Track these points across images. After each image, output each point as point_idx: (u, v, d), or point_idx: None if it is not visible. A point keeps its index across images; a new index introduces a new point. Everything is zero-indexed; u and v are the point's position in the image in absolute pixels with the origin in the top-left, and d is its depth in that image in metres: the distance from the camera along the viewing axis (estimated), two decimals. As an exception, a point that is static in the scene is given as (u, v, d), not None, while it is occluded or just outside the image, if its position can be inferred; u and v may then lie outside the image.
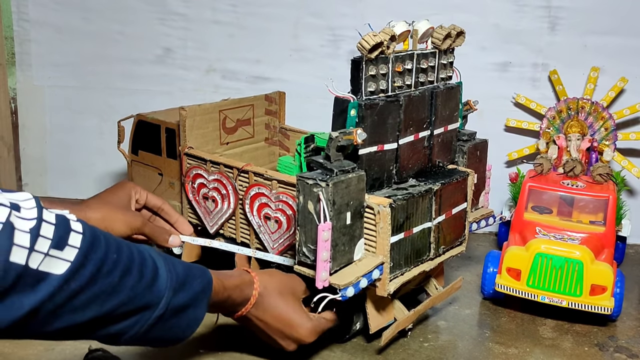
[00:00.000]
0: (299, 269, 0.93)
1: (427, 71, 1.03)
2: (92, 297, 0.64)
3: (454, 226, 1.07)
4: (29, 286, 0.58)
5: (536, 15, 1.47)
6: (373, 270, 0.93)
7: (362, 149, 0.94)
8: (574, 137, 1.38)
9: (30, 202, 0.60)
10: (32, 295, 0.59)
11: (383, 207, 0.92)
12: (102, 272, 0.64)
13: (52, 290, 0.60)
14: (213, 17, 1.58)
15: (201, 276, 0.79)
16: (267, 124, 1.36)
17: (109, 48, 1.61)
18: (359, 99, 0.93)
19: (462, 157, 1.13)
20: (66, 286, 0.61)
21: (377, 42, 0.90)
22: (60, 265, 0.60)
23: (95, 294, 0.64)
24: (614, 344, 1.09)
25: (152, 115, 1.27)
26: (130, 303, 0.68)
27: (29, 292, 0.59)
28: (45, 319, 0.61)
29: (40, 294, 0.59)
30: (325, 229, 0.86)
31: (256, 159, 1.33)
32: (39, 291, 0.59)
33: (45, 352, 1.01)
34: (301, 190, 0.89)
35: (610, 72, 1.45)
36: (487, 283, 1.20)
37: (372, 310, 1.01)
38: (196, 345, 1.04)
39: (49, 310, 0.61)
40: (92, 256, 0.63)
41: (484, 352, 1.05)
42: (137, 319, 0.70)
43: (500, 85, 1.51)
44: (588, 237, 1.19)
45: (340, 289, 0.88)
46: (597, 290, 1.10)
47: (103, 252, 0.65)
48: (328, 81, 0.89)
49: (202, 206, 1.17)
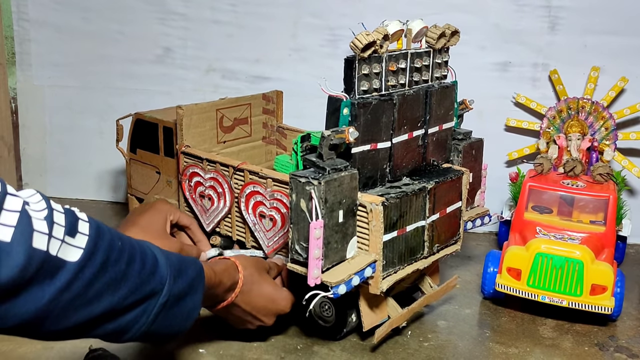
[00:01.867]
0: (292, 267, 0.93)
1: (422, 70, 1.03)
2: (104, 286, 0.64)
3: (449, 225, 1.06)
4: (49, 274, 0.59)
5: (536, 14, 1.47)
6: (365, 268, 0.92)
7: (355, 148, 0.94)
8: (574, 137, 1.38)
9: (37, 196, 0.61)
10: (52, 284, 0.59)
11: (375, 205, 0.91)
12: (111, 260, 0.65)
13: (69, 277, 0.60)
14: (212, 17, 1.58)
15: (193, 264, 0.81)
16: (265, 123, 1.36)
17: (109, 48, 1.61)
18: (352, 97, 0.93)
19: (458, 156, 1.13)
20: (81, 274, 0.61)
21: (369, 41, 0.89)
22: (74, 253, 0.61)
23: (106, 282, 0.64)
24: (614, 343, 1.09)
25: (150, 114, 1.27)
26: (137, 291, 0.68)
27: (49, 281, 0.59)
28: (62, 312, 0.61)
29: (59, 283, 0.59)
30: (317, 226, 0.86)
31: (253, 158, 1.33)
32: (58, 280, 0.59)
33: (44, 350, 1.01)
34: (294, 188, 0.89)
35: (611, 72, 1.45)
36: (487, 283, 1.20)
37: (365, 308, 1.01)
38: (197, 346, 1.03)
39: (66, 301, 0.61)
40: (100, 244, 0.64)
41: (484, 352, 1.05)
42: (144, 308, 0.70)
43: (501, 85, 1.51)
44: (588, 237, 1.18)
45: (332, 287, 0.88)
46: (598, 290, 1.10)
47: (109, 239, 0.65)
48: (322, 80, 0.89)
49: (198, 204, 1.17)
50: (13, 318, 0.58)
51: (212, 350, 1.02)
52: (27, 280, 0.56)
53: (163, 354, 1.00)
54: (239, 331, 1.05)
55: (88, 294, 0.63)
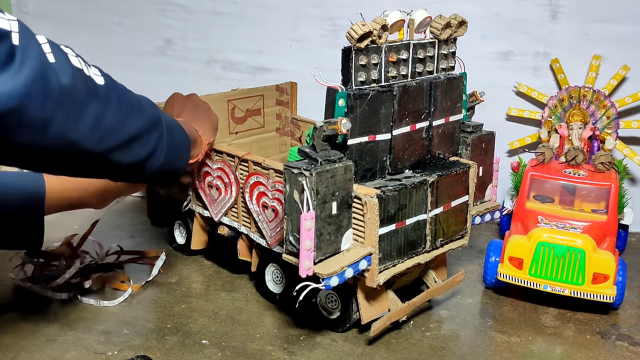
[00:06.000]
0: (287, 258, 0.93)
1: (426, 61, 1.02)
2: (129, 107, 0.74)
3: (455, 219, 1.06)
4: (92, 89, 0.67)
5: (537, 3, 1.46)
6: (360, 260, 0.92)
7: (351, 139, 0.93)
8: (576, 126, 1.38)
9: None
10: (97, 100, 0.68)
11: (370, 197, 0.91)
12: (124, 89, 0.75)
13: (105, 93, 0.69)
14: (213, 8, 1.57)
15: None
16: (279, 114, 1.36)
17: (109, 40, 1.61)
18: (349, 88, 0.92)
19: (466, 149, 1.12)
20: (111, 93, 0.70)
21: (365, 31, 0.88)
22: (98, 78, 0.69)
23: (129, 104, 0.74)
24: (616, 332, 1.09)
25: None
26: (151, 116, 0.79)
27: (96, 99, 0.68)
28: (109, 130, 0.70)
29: (100, 99, 0.68)
30: (308, 218, 0.86)
31: (266, 149, 1.33)
32: (98, 96, 0.68)
33: (47, 342, 1.02)
34: (287, 179, 0.89)
35: (612, 60, 1.45)
36: (489, 272, 1.20)
37: (363, 301, 1.01)
38: (199, 337, 1.04)
39: (110, 119, 0.70)
40: (110, 78, 0.72)
41: (487, 341, 1.05)
42: (160, 132, 0.81)
43: (502, 74, 1.51)
44: (590, 226, 1.18)
45: (324, 278, 0.88)
46: (599, 279, 1.10)
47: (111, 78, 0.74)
48: (316, 71, 0.89)
49: (207, 194, 1.18)
50: (74, 132, 0.65)
51: (214, 342, 1.03)
52: (79, 90, 0.64)
53: (170, 347, 1.01)
54: (242, 321, 1.06)
55: (121, 111, 0.72)
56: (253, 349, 1.01)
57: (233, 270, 1.26)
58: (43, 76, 0.59)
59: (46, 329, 1.06)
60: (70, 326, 1.06)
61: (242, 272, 1.24)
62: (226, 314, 1.11)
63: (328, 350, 1.01)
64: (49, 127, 0.61)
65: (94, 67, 0.71)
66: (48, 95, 0.60)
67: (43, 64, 0.59)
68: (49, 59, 0.61)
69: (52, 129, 0.62)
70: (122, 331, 1.05)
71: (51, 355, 0.98)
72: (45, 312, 1.11)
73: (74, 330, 1.05)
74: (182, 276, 1.24)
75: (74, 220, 1.45)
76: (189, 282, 1.22)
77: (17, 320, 1.08)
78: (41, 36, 0.62)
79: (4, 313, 1.10)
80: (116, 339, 1.03)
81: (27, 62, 0.57)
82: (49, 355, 0.98)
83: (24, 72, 0.57)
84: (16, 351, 0.99)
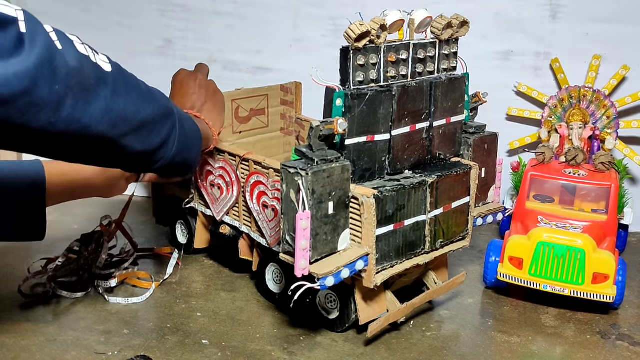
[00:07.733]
0: (284, 257, 0.93)
1: (426, 61, 1.02)
2: (138, 95, 0.74)
3: (455, 220, 1.05)
4: (99, 77, 0.67)
5: (537, 3, 1.46)
6: (356, 261, 0.92)
7: (349, 139, 0.93)
8: (576, 126, 1.38)
9: None
10: (105, 87, 0.68)
11: (367, 197, 0.91)
12: (133, 77, 0.75)
13: (113, 79, 0.69)
14: (213, 8, 1.57)
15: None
16: (283, 114, 1.36)
17: (109, 39, 1.61)
18: (347, 88, 0.92)
19: (468, 150, 1.11)
20: (119, 80, 0.70)
21: (363, 31, 0.88)
22: (105, 65, 0.69)
23: (138, 92, 0.74)
24: (616, 332, 1.09)
25: None
26: (163, 107, 0.79)
27: (103, 86, 0.68)
28: (119, 118, 0.70)
29: (108, 86, 0.68)
30: (304, 217, 0.86)
31: (270, 149, 1.33)
32: (106, 83, 0.68)
33: (47, 342, 1.02)
34: (284, 178, 0.89)
35: (612, 60, 1.44)
36: (489, 272, 1.20)
37: (361, 301, 1.01)
38: (200, 337, 1.04)
39: (119, 107, 0.70)
40: (119, 66, 0.72)
41: (487, 341, 1.05)
42: (172, 122, 0.81)
43: (502, 74, 1.51)
44: (590, 226, 1.18)
45: (319, 278, 0.88)
46: (600, 279, 1.10)
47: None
48: (313, 71, 0.89)
49: (209, 193, 1.18)
50: (85, 116, 0.65)
51: (214, 342, 1.03)
52: (86, 74, 0.65)
53: (171, 347, 1.01)
54: (242, 321, 1.06)
55: (132, 97, 0.72)
56: (253, 349, 1.01)
57: (234, 270, 1.26)
58: (51, 60, 0.61)
59: (46, 329, 1.06)
60: (70, 326, 1.06)
61: (243, 271, 1.25)
62: (226, 314, 1.11)
63: (328, 350, 1.01)
64: (59, 110, 0.62)
65: (103, 55, 0.71)
66: (57, 77, 0.61)
67: (51, 48, 0.61)
68: (57, 45, 0.62)
69: (63, 112, 0.63)
70: (122, 331, 1.05)
71: (51, 355, 0.98)
72: (45, 312, 1.11)
73: (74, 330, 1.05)
74: (182, 276, 1.25)
75: (74, 220, 1.45)
76: (190, 282, 1.22)
77: (17, 320, 1.08)
78: (47, 25, 0.64)
79: (4, 313, 1.10)
80: (116, 339, 1.03)
81: (35, 46, 0.59)
82: (49, 355, 0.98)
83: (33, 55, 0.59)
84: (16, 351, 0.99)
